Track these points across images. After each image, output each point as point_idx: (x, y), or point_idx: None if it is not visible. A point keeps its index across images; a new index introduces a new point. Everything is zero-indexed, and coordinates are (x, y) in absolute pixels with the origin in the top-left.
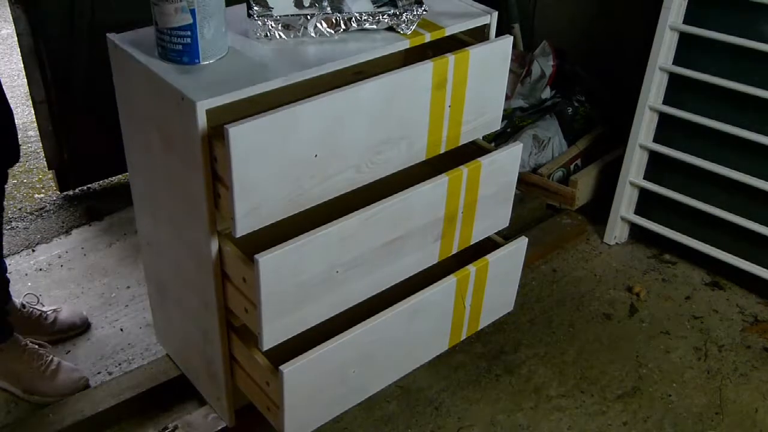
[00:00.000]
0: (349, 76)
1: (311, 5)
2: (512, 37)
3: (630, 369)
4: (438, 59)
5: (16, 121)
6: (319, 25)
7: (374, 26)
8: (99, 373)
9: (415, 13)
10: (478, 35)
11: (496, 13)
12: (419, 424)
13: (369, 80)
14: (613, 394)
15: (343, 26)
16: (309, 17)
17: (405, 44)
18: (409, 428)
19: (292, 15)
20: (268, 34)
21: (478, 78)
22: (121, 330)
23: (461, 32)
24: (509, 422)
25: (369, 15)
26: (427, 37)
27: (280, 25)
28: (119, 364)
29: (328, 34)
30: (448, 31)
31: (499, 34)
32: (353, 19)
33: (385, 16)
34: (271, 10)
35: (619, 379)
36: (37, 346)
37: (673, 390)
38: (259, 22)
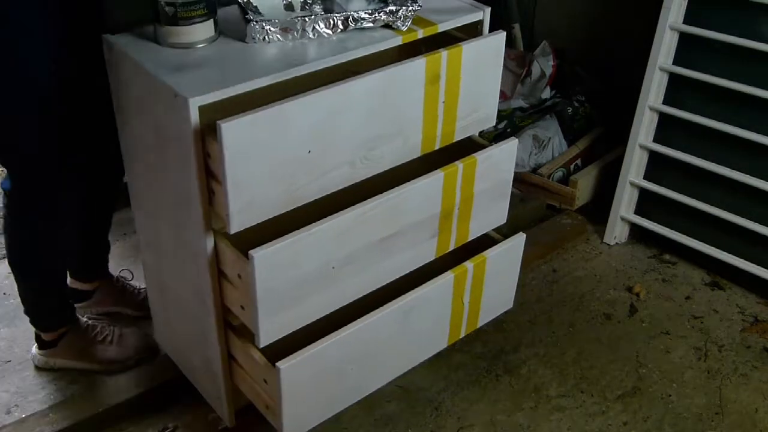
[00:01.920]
0: (342, 73)
1: (302, 8)
2: (504, 33)
3: (630, 369)
4: (430, 55)
5: None
6: (316, 26)
7: (371, 24)
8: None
9: (410, 9)
10: (472, 32)
11: (489, 9)
12: (419, 424)
13: (361, 76)
14: (613, 394)
15: (341, 26)
16: (307, 19)
17: (397, 41)
18: (409, 428)
19: (290, 18)
20: (267, 38)
21: (471, 74)
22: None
23: (454, 28)
24: (509, 422)
25: (366, 14)
26: (420, 34)
27: (278, 28)
28: None
29: (326, 35)
30: (441, 28)
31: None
32: (351, 18)
33: (381, 14)
34: (263, 15)
35: (619, 379)
36: (96, 318)
37: (673, 390)
38: (257, 27)
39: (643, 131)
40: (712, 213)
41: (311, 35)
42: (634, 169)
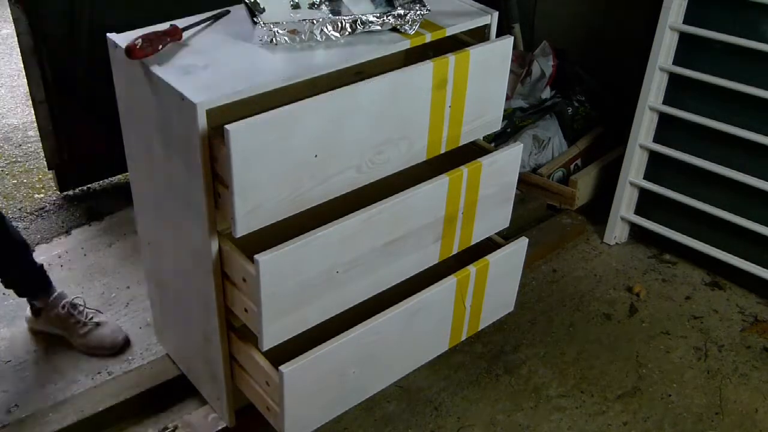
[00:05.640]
0: (349, 76)
1: (310, 9)
2: (512, 38)
3: (630, 369)
4: (438, 59)
5: (16, 121)
6: (325, 29)
7: (379, 27)
8: (99, 373)
9: (418, 12)
10: (479, 35)
11: (496, 14)
12: (419, 424)
13: (369, 80)
14: (613, 394)
15: (349, 29)
16: (315, 22)
17: (406, 44)
18: (409, 428)
19: (297, 20)
20: (274, 40)
21: (478, 78)
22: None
23: (462, 32)
24: (509, 422)
25: (375, 17)
26: (428, 38)
27: (286, 30)
28: (119, 364)
29: (334, 38)
30: (449, 32)
31: (499, 34)
32: (359, 21)
33: (389, 17)
34: (270, 16)
35: (619, 379)
36: (75, 305)
37: (673, 390)
38: (265, 28)
39: (643, 131)
40: (712, 213)
41: (319, 38)
42: (634, 169)
